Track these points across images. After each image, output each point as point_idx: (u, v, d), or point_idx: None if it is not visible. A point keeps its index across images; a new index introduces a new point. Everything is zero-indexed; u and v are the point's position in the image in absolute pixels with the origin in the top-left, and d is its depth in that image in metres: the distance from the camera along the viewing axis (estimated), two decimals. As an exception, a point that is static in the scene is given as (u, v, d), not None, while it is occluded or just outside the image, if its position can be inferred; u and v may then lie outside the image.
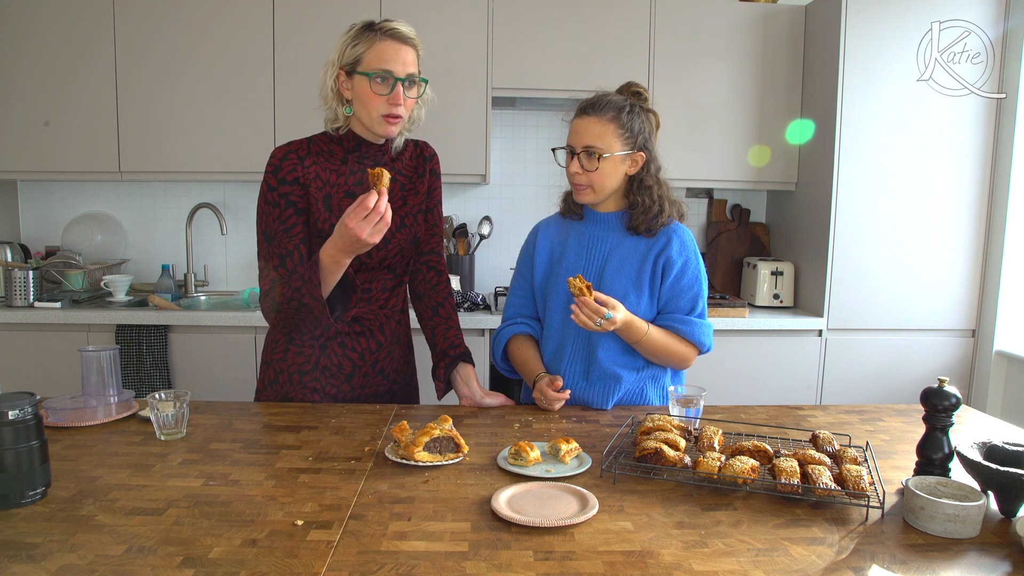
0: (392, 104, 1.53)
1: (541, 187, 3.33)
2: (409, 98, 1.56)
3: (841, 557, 0.97)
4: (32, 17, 2.80)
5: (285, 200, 1.56)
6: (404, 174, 1.70)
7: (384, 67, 1.51)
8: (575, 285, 1.50)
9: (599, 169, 1.61)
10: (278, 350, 1.68)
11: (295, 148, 1.60)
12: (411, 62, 1.54)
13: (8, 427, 1.06)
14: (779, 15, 2.99)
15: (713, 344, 1.68)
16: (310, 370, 1.67)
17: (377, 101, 1.53)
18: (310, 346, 1.66)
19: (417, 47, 1.57)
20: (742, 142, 3.04)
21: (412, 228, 1.69)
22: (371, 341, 1.70)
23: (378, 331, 1.71)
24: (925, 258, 2.85)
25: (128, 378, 2.67)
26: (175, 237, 3.27)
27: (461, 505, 1.11)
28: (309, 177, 1.58)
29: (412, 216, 1.69)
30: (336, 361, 1.67)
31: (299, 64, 2.85)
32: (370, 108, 1.54)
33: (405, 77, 1.53)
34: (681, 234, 1.68)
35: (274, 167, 1.57)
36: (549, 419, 1.57)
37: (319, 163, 1.60)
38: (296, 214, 1.56)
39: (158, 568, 0.90)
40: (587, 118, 1.63)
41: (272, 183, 1.57)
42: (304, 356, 1.66)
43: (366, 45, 1.52)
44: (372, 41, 1.52)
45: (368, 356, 1.70)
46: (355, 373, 1.70)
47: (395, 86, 1.52)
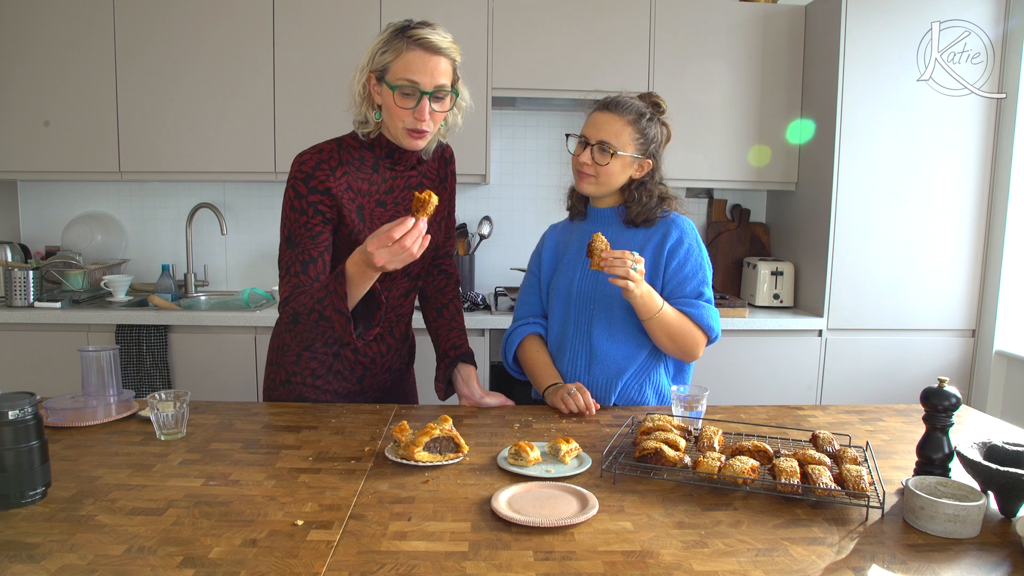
0: (417, 119, 1.46)
1: (541, 187, 3.33)
2: (437, 111, 1.49)
3: (841, 557, 0.97)
4: (32, 17, 2.80)
5: (313, 209, 1.48)
6: (429, 177, 1.67)
7: (410, 78, 1.43)
8: (601, 240, 1.51)
9: (609, 165, 1.64)
10: (290, 354, 1.67)
11: (326, 157, 1.51)
12: (442, 73, 1.45)
13: (8, 427, 1.06)
14: (779, 15, 2.99)
15: (720, 331, 1.68)
16: (324, 374, 1.67)
17: (402, 114, 1.46)
18: (323, 352, 1.65)
19: (451, 56, 1.48)
20: (742, 142, 3.04)
21: (435, 236, 1.65)
22: (382, 345, 1.71)
23: (389, 335, 1.71)
24: (925, 258, 2.85)
25: (128, 378, 2.67)
26: (175, 237, 3.27)
27: (461, 505, 1.11)
28: (341, 189, 1.51)
29: (436, 224, 1.66)
30: (348, 365, 1.68)
31: (299, 64, 2.85)
32: (395, 120, 1.48)
33: (432, 90, 1.45)
34: (681, 223, 1.70)
35: (305, 176, 1.49)
36: (549, 419, 1.57)
37: (350, 172, 1.53)
38: (323, 223, 1.49)
39: (158, 568, 0.90)
40: (608, 114, 1.65)
41: (301, 191, 1.49)
42: (318, 361, 1.66)
43: (394, 54, 1.44)
44: (400, 50, 1.43)
45: (379, 359, 1.71)
46: (366, 375, 1.71)
47: (420, 100, 1.44)
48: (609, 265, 1.50)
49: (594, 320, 1.69)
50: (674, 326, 1.62)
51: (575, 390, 1.60)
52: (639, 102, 1.68)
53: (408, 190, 1.62)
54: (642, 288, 1.54)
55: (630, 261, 1.49)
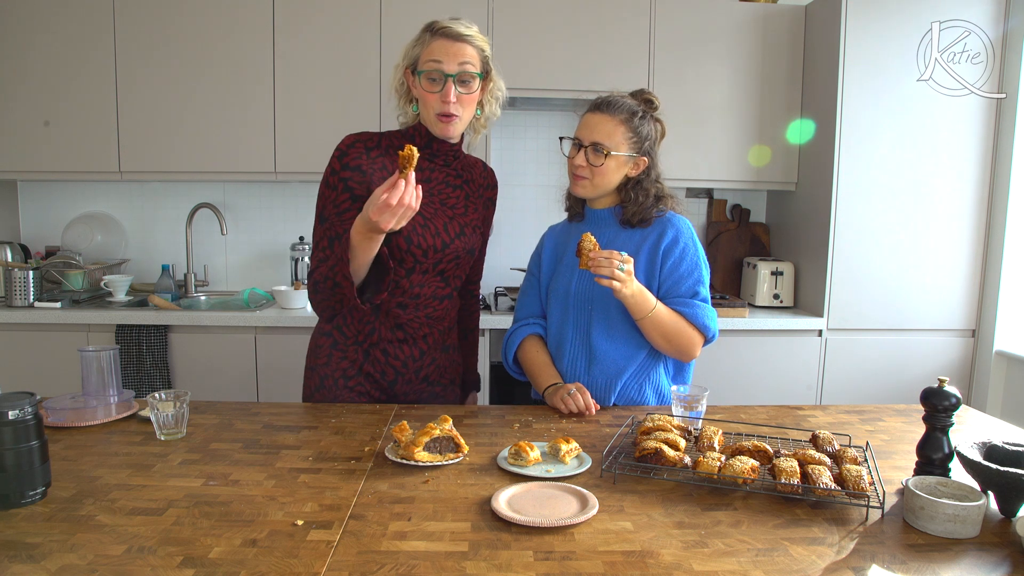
0: (443, 101, 1.53)
1: (541, 187, 3.33)
2: (464, 94, 1.55)
3: (841, 557, 0.97)
4: (32, 17, 2.80)
5: (344, 184, 1.55)
6: (471, 185, 1.71)
7: (434, 64, 1.51)
8: (589, 240, 1.52)
9: (603, 165, 1.64)
10: (322, 355, 1.68)
11: (364, 139, 1.61)
12: (466, 57, 1.53)
13: (8, 427, 1.06)
14: (779, 15, 2.99)
15: (718, 331, 1.68)
16: (355, 375, 1.67)
17: (432, 99, 1.54)
18: (354, 351, 1.66)
19: (476, 43, 1.55)
20: (742, 142, 3.04)
21: (471, 238, 1.68)
22: (414, 349, 1.68)
23: (421, 339, 1.68)
24: (925, 258, 2.85)
25: (128, 378, 2.67)
26: (175, 237, 3.27)
27: (461, 505, 1.11)
28: (374, 167, 1.57)
29: (472, 227, 1.68)
30: (379, 368, 1.67)
31: (299, 64, 2.85)
32: (427, 107, 1.56)
33: (456, 72, 1.52)
34: (677, 222, 1.70)
35: (340, 152, 1.58)
36: (549, 419, 1.57)
37: (387, 155, 1.60)
38: (352, 199, 1.55)
39: (158, 568, 0.90)
40: (600, 115, 1.65)
41: (336, 167, 1.57)
42: (349, 361, 1.66)
43: (422, 46, 1.54)
44: (426, 41, 1.54)
45: (411, 364, 1.68)
46: (398, 380, 1.68)
47: (445, 83, 1.52)
48: (596, 265, 1.50)
49: (593, 321, 1.69)
50: (668, 326, 1.61)
51: (575, 390, 1.60)
52: (631, 100, 1.68)
53: (443, 185, 1.66)
54: (632, 288, 1.53)
55: (617, 261, 1.49)
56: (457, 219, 1.65)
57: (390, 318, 1.64)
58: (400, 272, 1.59)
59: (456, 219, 1.65)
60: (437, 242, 1.60)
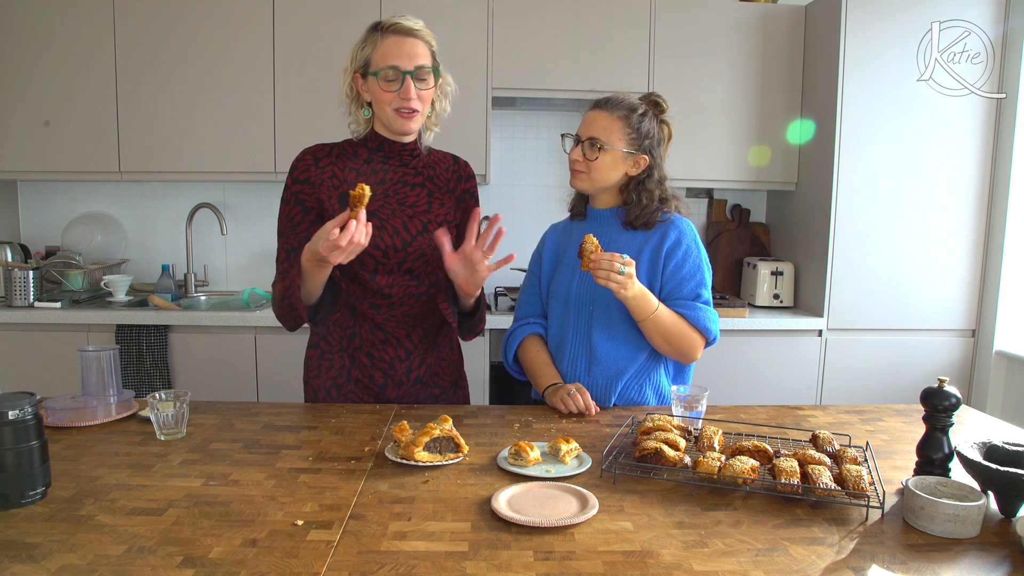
0: (403, 99, 1.53)
1: (541, 187, 3.33)
2: (422, 90, 1.56)
3: (841, 557, 0.97)
4: (32, 17, 2.80)
5: (295, 198, 1.60)
6: (435, 182, 1.69)
7: (390, 63, 1.52)
8: (591, 241, 1.52)
9: (598, 159, 1.65)
10: (312, 367, 1.71)
11: (314, 151, 1.63)
12: (420, 54, 1.54)
13: (8, 427, 1.06)
14: (779, 15, 2.99)
15: (719, 334, 1.68)
16: (344, 382, 1.67)
17: (390, 98, 1.54)
18: (340, 358, 1.67)
19: (426, 39, 1.57)
20: (742, 142, 3.04)
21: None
22: (398, 349, 1.67)
23: (405, 339, 1.67)
24: (925, 258, 2.85)
25: (128, 378, 2.67)
26: (175, 237, 3.27)
27: (461, 505, 1.11)
28: (323, 177, 1.60)
29: (436, 224, 1.65)
30: (367, 373, 1.67)
31: (299, 64, 2.85)
32: (383, 106, 1.55)
33: (413, 69, 1.53)
34: (680, 225, 1.69)
35: (292, 167, 1.62)
36: (549, 419, 1.57)
37: (337, 164, 1.62)
38: (303, 212, 1.59)
39: (158, 568, 0.90)
40: (599, 112, 1.67)
41: (288, 182, 1.62)
42: (337, 369, 1.67)
43: (372, 45, 1.54)
44: (377, 41, 1.54)
45: (398, 365, 1.67)
46: (387, 384, 1.67)
47: (404, 80, 1.52)
48: (597, 267, 1.51)
49: (593, 321, 1.69)
50: (669, 328, 1.61)
51: (575, 390, 1.60)
52: (634, 100, 1.69)
53: (401, 184, 1.64)
54: (633, 290, 1.53)
55: (618, 263, 1.49)
56: (419, 217, 1.63)
57: (367, 320, 1.65)
58: (364, 276, 1.60)
59: (417, 217, 1.62)
60: (396, 241, 1.59)
